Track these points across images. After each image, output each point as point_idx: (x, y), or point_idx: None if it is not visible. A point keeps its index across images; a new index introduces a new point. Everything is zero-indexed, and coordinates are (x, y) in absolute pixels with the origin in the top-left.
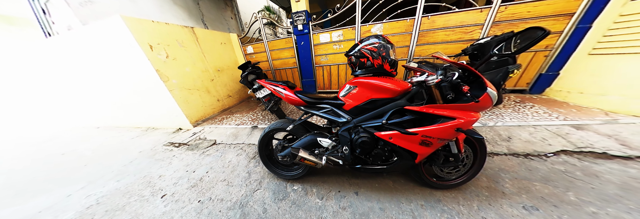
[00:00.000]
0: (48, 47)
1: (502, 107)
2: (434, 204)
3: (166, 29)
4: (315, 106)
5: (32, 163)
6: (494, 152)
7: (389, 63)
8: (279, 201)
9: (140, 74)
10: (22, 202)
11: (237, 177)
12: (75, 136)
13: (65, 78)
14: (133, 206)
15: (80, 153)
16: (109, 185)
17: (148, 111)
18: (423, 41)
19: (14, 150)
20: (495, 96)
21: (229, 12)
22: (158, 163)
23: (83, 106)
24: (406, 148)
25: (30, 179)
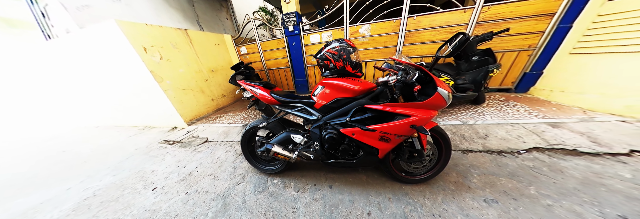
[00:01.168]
0: (48, 50)
1: (485, 105)
2: (400, 197)
3: (159, 32)
4: (289, 105)
5: (35, 161)
6: (469, 149)
7: (351, 65)
8: (259, 193)
9: (136, 76)
10: (26, 195)
11: (223, 172)
12: (76, 136)
13: (65, 80)
14: (126, 198)
15: (79, 151)
16: (106, 179)
17: (145, 110)
18: (410, 41)
19: (19, 149)
20: (447, 95)
21: (225, 13)
22: (152, 159)
23: (83, 107)
24: (368, 144)
25: (33, 175)
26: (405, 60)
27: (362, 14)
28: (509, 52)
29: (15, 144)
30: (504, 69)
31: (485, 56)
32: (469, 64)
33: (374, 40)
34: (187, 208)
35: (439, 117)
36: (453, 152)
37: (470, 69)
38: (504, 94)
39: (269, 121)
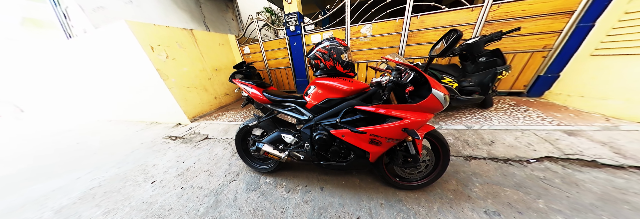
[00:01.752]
0: (69, 48)
1: (493, 110)
2: (394, 203)
3: (166, 32)
4: (281, 104)
5: (53, 150)
6: (473, 156)
7: (342, 65)
8: (250, 191)
9: (144, 73)
10: (41, 182)
11: (219, 168)
12: (90, 129)
13: (83, 76)
14: (127, 189)
15: (91, 144)
16: (111, 171)
17: (152, 106)
18: (413, 41)
19: (40, 139)
20: (442, 98)
21: (230, 13)
22: (154, 154)
23: (98, 101)
24: (358, 146)
25: (48, 164)
26: (399, 60)
27: (365, 13)
28: (521, 54)
29: (37, 134)
30: (515, 71)
31: (493, 56)
32: (476, 65)
33: (375, 41)
34: (180, 203)
35: (442, 121)
36: (454, 159)
37: (477, 70)
38: (514, 98)
39: (260, 120)
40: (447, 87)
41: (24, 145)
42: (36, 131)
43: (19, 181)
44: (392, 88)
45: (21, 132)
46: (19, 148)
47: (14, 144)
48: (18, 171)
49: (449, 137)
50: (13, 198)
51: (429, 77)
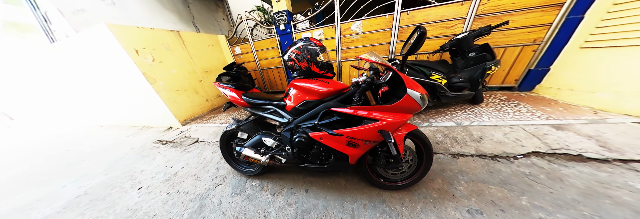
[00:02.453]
0: (54, 52)
1: (484, 105)
2: (377, 204)
3: (151, 34)
4: (261, 107)
5: (43, 157)
6: (461, 153)
7: (317, 65)
8: (236, 195)
9: (130, 77)
10: (27, 190)
11: (206, 172)
12: (81, 134)
13: (71, 80)
14: (113, 197)
15: (81, 149)
16: (98, 178)
17: (142, 111)
18: (404, 37)
19: (31, 146)
20: (419, 98)
21: (221, 13)
22: (143, 159)
23: (88, 106)
24: (336, 149)
25: (37, 172)
26: (375, 59)
27: (355, 10)
28: (512, 48)
29: (27, 142)
30: (506, 65)
31: (482, 51)
32: (466, 61)
33: (366, 38)
34: (165, 208)
35: (432, 118)
36: (442, 157)
37: (466, 66)
38: (506, 92)
39: (240, 124)
40: (436, 84)
41: (14, 153)
42: (26, 139)
43: (5, 190)
44: (366, 89)
45: (11, 140)
46: (8, 157)
47: (2, 153)
48: (6, 180)
49: (438, 134)
50: None
51: (404, 77)
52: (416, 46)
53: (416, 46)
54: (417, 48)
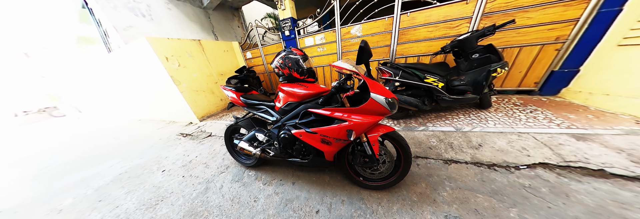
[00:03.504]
0: (110, 60)
1: (493, 110)
2: (355, 201)
3: (178, 44)
4: (255, 107)
5: (96, 144)
6: (454, 160)
7: (298, 72)
8: (235, 182)
9: (161, 79)
10: (86, 168)
11: (214, 162)
12: (124, 126)
13: (121, 82)
14: (144, 176)
15: (123, 139)
16: (134, 161)
17: (170, 108)
18: (404, 39)
19: (88, 135)
20: (383, 101)
21: (236, 21)
22: (168, 148)
23: (131, 103)
24: (313, 145)
25: (93, 155)
26: (343, 66)
27: (355, 14)
28: (529, 47)
29: (87, 131)
30: (522, 66)
31: (487, 53)
32: (469, 62)
33: None
34: (180, 188)
35: (430, 122)
36: (433, 162)
37: (470, 68)
38: (523, 97)
39: (237, 121)
40: (432, 87)
41: (78, 139)
42: (86, 128)
43: (72, 167)
44: (334, 92)
45: (78, 129)
46: (74, 142)
47: (71, 139)
48: (72, 160)
49: (432, 139)
50: (68, 179)
51: (369, 82)
52: (361, 58)
53: (361, 58)
54: (363, 59)
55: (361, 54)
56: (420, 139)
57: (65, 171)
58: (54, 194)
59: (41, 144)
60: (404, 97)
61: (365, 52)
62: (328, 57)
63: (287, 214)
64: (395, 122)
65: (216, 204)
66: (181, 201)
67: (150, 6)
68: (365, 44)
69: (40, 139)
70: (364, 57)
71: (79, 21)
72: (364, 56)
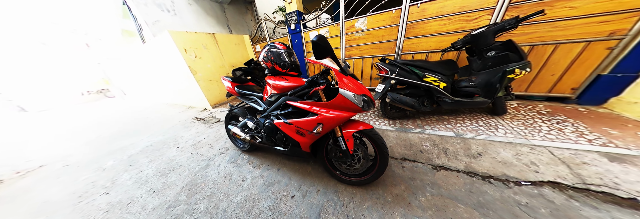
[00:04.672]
0: (144, 50)
1: (508, 118)
2: (329, 193)
3: (195, 37)
4: (247, 97)
5: (133, 122)
6: (444, 166)
7: (279, 65)
8: (230, 162)
9: (181, 69)
10: (123, 139)
11: (217, 144)
12: (154, 108)
13: (153, 69)
14: (163, 149)
15: (152, 118)
16: (158, 138)
17: (188, 95)
18: (413, 33)
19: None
20: (352, 97)
21: (249, 15)
22: (184, 129)
23: (161, 89)
24: (290, 136)
25: (129, 129)
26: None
27: (361, 5)
28: (569, 44)
29: (128, 110)
30: (557, 68)
31: (504, 50)
32: (482, 61)
33: (370, 35)
34: (188, 162)
35: (428, 125)
36: (420, 166)
37: (483, 68)
38: (553, 104)
39: (231, 109)
40: (431, 87)
41: (122, 116)
42: (128, 108)
43: (115, 138)
44: (306, 86)
45: (122, 108)
46: (118, 118)
47: (115, 116)
48: (116, 132)
49: (426, 142)
50: (112, 146)
51: (340, 78)
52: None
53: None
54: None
55: (316, 49)
56: (413, 141)
57: (110, 140)
58: (101, 156)
59: (97, 118)
60: (399, 96)
61: (321, 48)
62: None
63: (266, 195)
64: (390, 122)
65: (212, 178)
66: (186, 173)
67: (174, 2)
68: (319, 38)
69: (97, 114)
70: (320, 52)
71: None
72: (320, 51)
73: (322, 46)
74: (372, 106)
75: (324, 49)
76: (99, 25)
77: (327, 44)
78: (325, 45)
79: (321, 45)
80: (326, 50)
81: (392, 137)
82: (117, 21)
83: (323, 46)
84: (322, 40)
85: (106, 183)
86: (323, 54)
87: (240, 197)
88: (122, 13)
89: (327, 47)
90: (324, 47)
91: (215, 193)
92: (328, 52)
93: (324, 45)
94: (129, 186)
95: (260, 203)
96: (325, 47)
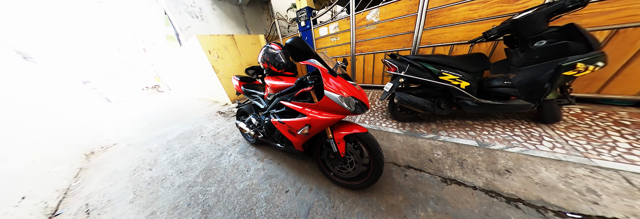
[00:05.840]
0: (180, 51)
1: (562, 128)
2: (321, 193)
3: (217, 39)
4: (251, 95)
5: (172, 112)
6: (456, 180)
7: (275, 66)
8: (239, 153)
9: (206, 68)
10: (165, 127)
11: (232, 136)
12: (189, 102)
13: (188, 68)
14: (191, 138)
15: (187, 111)
16: (188, 127)
17: (213, 91)
18: (434, 23)
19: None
20: (337, 99)
21: (265, 14)
22: (208, 121)
23: (194, 85)
24: (283, 134)
25: (168, 119)
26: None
27: None
28: None
29: (170, 102)
30: None
31: (562, 38)
32: (527, 54)
33: (383, 27)
34: (207, 150)
35: (445, 130)
36: (427, 177)
37: (527, 62)
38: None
39: (239, 106)
40: (450, 87)
41: (166, 108)
42: (171, 100)
43: (159, 125)
44: (295, 87)
45: (167, 101)
46: (164, 109)
47: (160, 108)
48: (161, 120)
49: (438, 150)
50: (157, 132)
51: (326, 79)
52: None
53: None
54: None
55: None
56: (423, 148)
57: (156, 127)
58: (150, 139)
59: (150, 109)
60: (408, 96)
61: (298, 50)
62: (341, 47)
63: (264, 187)
64: (399, 124)
65: (223, 166)
66: (205, 159)
67: (201, 8)
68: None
69: (150, 105)
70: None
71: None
72: (299, 53)
73: (298, 48)
74: (365, 109)
75: (303, 52)
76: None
77: (305, 46)
78: (303, 47)
79: (297, 48)
80: (305, 52)
81: (397, 142)
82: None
83: (300, 48)
84: (297, 42)
85: (151, 161)
86: (303, 56)
87: (243, 185)
88: (165, 21)
89: (306, 49)
90: (302, 49)
91: (224, 179)
92: (308, 54)
93: (302, 48)
94: (165, 165)
95: (258, 193)
96: (303, 50)
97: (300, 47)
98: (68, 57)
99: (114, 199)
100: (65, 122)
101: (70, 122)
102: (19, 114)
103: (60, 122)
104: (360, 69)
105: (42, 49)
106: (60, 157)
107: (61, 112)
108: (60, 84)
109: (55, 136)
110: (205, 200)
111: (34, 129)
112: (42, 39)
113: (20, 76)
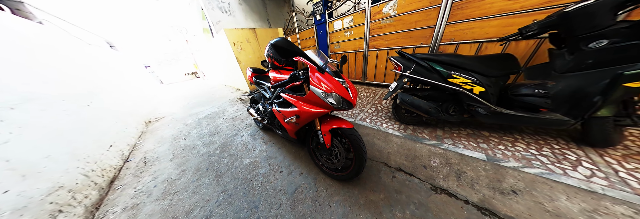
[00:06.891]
0: (213, 43)
1: (616, 155)
2: (309, 178)
3: (241, 33)
4: (260, 85)
5: (204, 95)
6: (448, 191)
7: (277, 60)
8: (250, 135)
9: (231, 59)
10: (198, 108)
11: (246, 120)
12: (218, 88)
13: (219, 59)
14: (215, 118)
15: (215, 94)
16: (214, 109)
17: (237, 79)
18: (460, 16)
19: (203, 89)
20: (320, 94)
21: (287, 8)
22: (230, 105)
23: (223, 73)
24: (280, 122)
25: (201, 100)
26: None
27: None
28: None
29: (204, 87)
30: None
31: (634, 38)
32: (578, 57)
33: (400, 21)
34: (226, 130)
35: (451, 138)
36: (416, 181)
37: (575, 67)
38: None
39: (249, 94)
40: (459, 91)
41: (199, 91)
42: (205, 85)
43: (193, 106)
44: (288, 81)
45: (202, 85)
46: (198, 92)
47: (195, 91)
48: (195, 102)
49: (436, 158)
50: (191, 111)
51: (312, 75)
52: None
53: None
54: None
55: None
56: (420, 153)
57: (192, 106)
58: (187, 116)
59: (188, 91)
60: (411, 98)
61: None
62: (354, 42)
63: (264, 165)
64: (400, 126)
65: (235, 144)
66: (223, 137)
67: (230, 4)
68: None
69: (189, 88)
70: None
71: (201, 19)
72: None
73: (283, 48)
74: (351, 106)
75: (288, 51)
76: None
77: (291, 46)
78: (289, 47)
79: (283, 47)
80: (291, 52)
81: (394, 144)
82: (199, 22)
83: (285, 48)
84: (283, 42)
85: (186, 133)
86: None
87: (248, 161)
88: (201, 16)
89: (292, 48)
90: (287, 49)
91: (235, 154)
92: (294, 53)
93: (287, 47)
94: (195, 138)
95: (259, 169)
96: (288, 49)
97: (285, 46)
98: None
99: (161, 157)
100: (134, 97)
101: (137, 97)
102: (110, 90)
103: (132, 97)
104: (372, 66)
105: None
106: (130, 122)
107: (134, 88)
108: (132, 67)
109: (129, 106)
110: (219, 168)
111: (116, 101)
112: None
113: (111, 60)
